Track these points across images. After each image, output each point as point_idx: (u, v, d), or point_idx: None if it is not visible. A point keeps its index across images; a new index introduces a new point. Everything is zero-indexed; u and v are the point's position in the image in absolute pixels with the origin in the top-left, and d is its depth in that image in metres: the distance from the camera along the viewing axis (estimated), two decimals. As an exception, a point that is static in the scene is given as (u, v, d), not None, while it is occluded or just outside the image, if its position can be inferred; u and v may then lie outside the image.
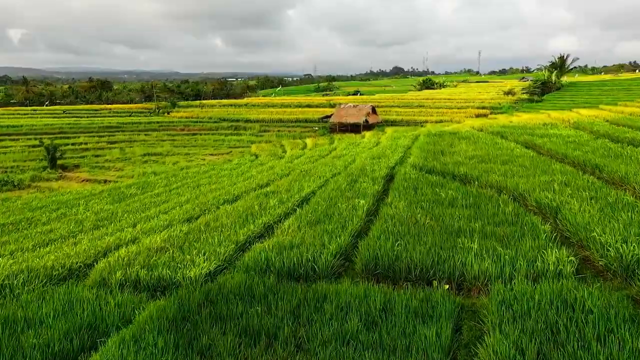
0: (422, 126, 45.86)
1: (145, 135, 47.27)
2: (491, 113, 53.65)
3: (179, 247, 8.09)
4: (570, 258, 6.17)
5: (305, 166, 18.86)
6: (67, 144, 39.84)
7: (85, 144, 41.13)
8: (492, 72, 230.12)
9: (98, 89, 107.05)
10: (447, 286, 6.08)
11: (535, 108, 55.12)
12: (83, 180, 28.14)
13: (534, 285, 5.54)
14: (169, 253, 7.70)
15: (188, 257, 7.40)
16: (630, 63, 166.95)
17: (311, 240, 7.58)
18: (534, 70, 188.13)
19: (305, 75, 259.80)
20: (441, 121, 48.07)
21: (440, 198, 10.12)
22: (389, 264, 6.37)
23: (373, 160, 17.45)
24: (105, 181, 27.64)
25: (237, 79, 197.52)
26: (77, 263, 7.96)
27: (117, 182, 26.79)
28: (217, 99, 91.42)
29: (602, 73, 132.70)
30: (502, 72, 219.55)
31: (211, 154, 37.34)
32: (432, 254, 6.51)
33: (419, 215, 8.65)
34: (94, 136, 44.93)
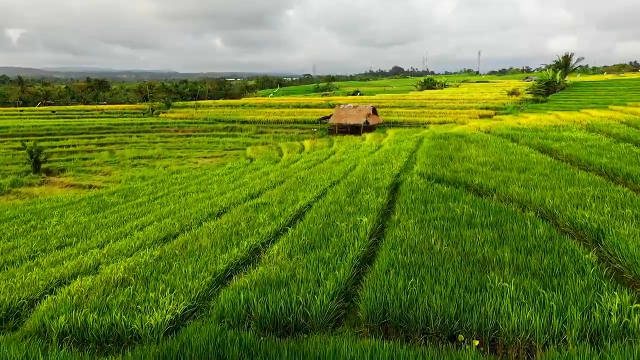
0: (424, 127, 44.55)
1: (137, 137, 45.89)
2: (496, 114, 52.38)
3: (144, 279, 6.75)
4: (635, 305, 4.84)
5: (302, 172, 17.54)
6: (55, 146, 38.45)
7: (74, 146, 39.74)
8: (492, 72, 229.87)
9: (95, 89, 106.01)
10: (477, 342, 4.75)
11: (541, 109, 53.86)
12: (67, 186, 26.77)
13: (597, 348, 4.20)
14: (131, 288, 6.35)
15: (152, 295, 6.06)
16: (630, 63, 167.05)
17: (303, 273, 6.24)
18: (534, 70, 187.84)
19: (304, 75, 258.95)
20: (444, 122, 46.79)
21: (455, 215, 8.79)
22: (400, 313, 5.03)
23: (375, 167, 16.13)
24: (90, 186, 26.28)
25: (236, 79, 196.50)
26: (20, 300, 6.63)
27: (102, 187, 25.43)
28: (215, 99, 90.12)
29: (605, 73, 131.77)
30: (502, 72, 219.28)
31: (205, 157, 35.99)
32: (455, 297, 5.17)
33: (433, 238, 7.32)
34: (83, 138, 43.51)
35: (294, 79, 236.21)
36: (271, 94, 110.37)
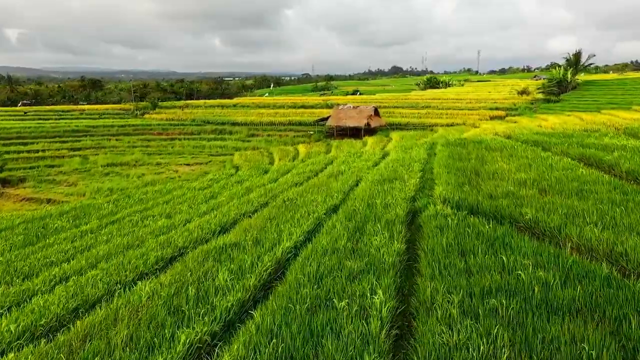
0: (431, 130, 41.50)
1: (117, 140, 42.63)
2: (507, 115, 49.40)
3: None
4: None
5: (292, 191, 14.43)
6: (21, 152, 35.23)
7: (43, 151, 36.46)
8: (492, 72, 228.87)
9: (88, 88, 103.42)
10: None
11: (555, 109, 50.96)
12: (23, 200, 23.58)
13: None
14: None
15: None
16: (632, 62, 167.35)
17: None
18: (535, 70, 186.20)
19: (303, 74, 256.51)
20: (452, 124, 43.74)
21: (520, 285, 5.70)
22: None
23: (383, 186, 13.02)
24: (49, 201, 23.11)
25: (234, 78, 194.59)
26: None
27: (62, 202, 22.29)
28: (212, 98, 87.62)
29: (611, 72, 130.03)
30: (502, 72, 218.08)
31: (187, 164, 32.79)
32: None
33: (504, 354, 4.18)
34: (55, 142, 40.20)
35: (293, 78, 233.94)
36: (267, 94, 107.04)
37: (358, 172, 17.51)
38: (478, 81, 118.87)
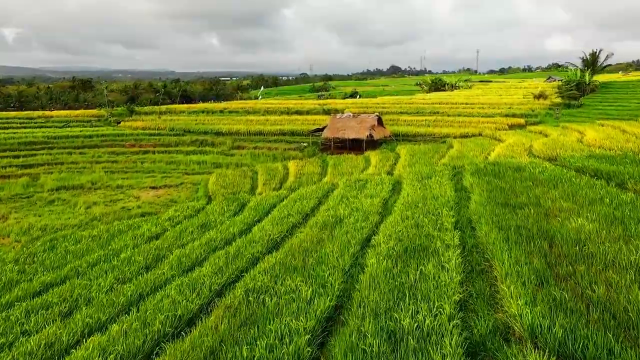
0: (444, 142, 36.80)
1: (80, 154, 37.78)
2: (527, 123, 44.73)
3: None
4: None
5: (264, 266, 9.73)
6: (-42, 171, 30.47)
7: (-14, 169, 31.74)
8: (492, 71, 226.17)
9: (77, 89, 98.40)
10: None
11: (581, 116, 46.44)
12: None
13: None
14: None
15: None
16: (633, 62, 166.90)
17: None
18: (536, 70, 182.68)
19: (301, 74, 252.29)
20: (467, 135, 39.10)
21: None
22: None
23: (408, 266, 8.34)
24: (-40, 245, 18.27)
25: (231, 78, 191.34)
26: None
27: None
28: (206, 100, 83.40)
29: (620, 72, 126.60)
30: (502, 72, 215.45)
31: (153, 187, 28.00)
32: None
33: None
34: (6, 156, 35.37)
35: (291, 78, 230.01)
36: (260, 96, 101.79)
37: (363, 220, 12.82)
38: (480, 81, 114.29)
